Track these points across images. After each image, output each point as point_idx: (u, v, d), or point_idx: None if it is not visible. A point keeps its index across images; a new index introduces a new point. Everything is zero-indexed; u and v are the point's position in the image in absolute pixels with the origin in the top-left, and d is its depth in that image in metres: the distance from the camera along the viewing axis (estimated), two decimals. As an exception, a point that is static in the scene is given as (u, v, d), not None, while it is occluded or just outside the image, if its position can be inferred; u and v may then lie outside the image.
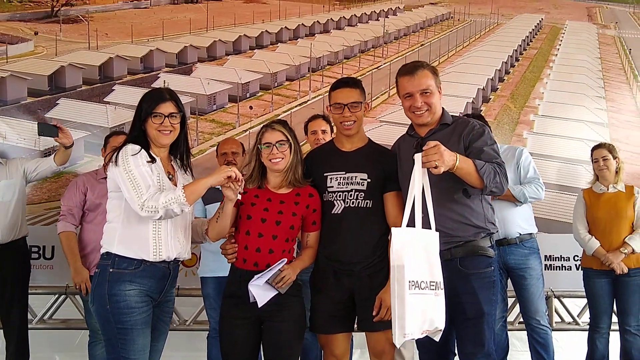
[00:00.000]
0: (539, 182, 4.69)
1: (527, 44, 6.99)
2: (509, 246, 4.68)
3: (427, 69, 3.20)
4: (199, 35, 6.57)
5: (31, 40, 6.41)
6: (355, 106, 3.27)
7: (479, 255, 3.12)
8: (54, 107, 6.22)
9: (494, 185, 2.97)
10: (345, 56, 6.77)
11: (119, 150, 3.02)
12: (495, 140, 3.17)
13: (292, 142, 3.20)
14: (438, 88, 3.19)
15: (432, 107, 3.16)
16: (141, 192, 2.88)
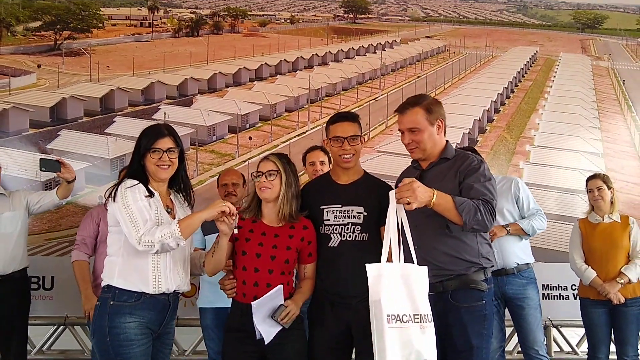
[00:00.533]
0: (541, 214, 4.75)
1: (522, 75, 7.08)
2: (506, 276, 4.69)
3: (420, 106, 3.19)
4: (200, 67, 6.66)
5: (34, 73, 6.48)
6: (354, 139, 3.31)
7: (470, 288, 3.10)
8: (55, 138, 6.27)
9: (475, 222, 2.95)
10: (343, 88, 6.85)
11: (118, 185, 3.07)
12: (492, 176, 3.13)
13: (284, 174, 3.22)
14: (433, 123, 3.17)
15: (420, 144, 3.17)
16: (138, 227, 2.92)
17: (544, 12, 7.11)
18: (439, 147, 3.21)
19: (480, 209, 2.94)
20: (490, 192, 3.04)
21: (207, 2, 6.79)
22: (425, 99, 3.26)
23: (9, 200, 4.61)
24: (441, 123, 3.21)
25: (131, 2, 6.77)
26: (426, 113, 3.18)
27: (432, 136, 3.18)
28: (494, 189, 3.07)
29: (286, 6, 6.84)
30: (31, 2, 6.67)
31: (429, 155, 3.23)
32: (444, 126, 3.22)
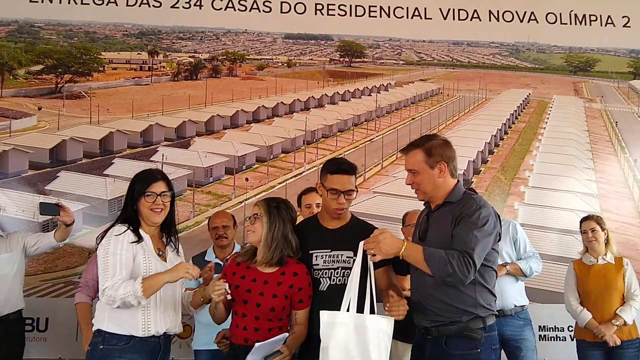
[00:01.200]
0: (537, 257, 4.85)
1: (515, 117, 7.14)
2: (504, 318, 4.71)
3: (420, 148, 3.23)
4: (198, 110, 6.73)
5: (34, 115, 6.55)
6: (351, 193, 3.39)
7: (464, 336, 3.08)
8: (54, 179, 6.30)
9: (445, 275, 2.93)
10: (339, 129, 6.92)
11: (107, 231, 3.11)
12: (486, 223, 3.05)
13: (267, 217, 3.26)
14: (433, 166, 3.17)
15: (420, 186, 3.21)
16: (106, 278, 2.96)
17: (536, 56, 7.21)
18: (443, 190, 3.21)
19: (452, 262, 2.91)
20: (472, 242, 2.98)
21: (205, 47, 6.89)
22: (429, 141, 3.27)
23: (6, 242, 4.64)
24: (444, 166, 3.20)
25: (131, 46, 6.87)
26: (426, 155, 3.20)
27: (431, 179, 3.20)
28: (480, 238, 3.00)
29: (283, 50, 6.94)
30: (34, 46, 6.78)
31: (431, 197, 3.25)
32: (449, 169, 3.21)
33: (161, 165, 6.35)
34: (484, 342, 3.10)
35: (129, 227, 3.09)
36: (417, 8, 6.96)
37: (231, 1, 6.83)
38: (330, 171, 3.43)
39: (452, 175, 3.22)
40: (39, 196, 6.13)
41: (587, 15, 7.12)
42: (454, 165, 3.25)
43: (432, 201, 3.26)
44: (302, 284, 3.25)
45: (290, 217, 3.33)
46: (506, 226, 4.90)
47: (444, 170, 3.19)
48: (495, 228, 3.12)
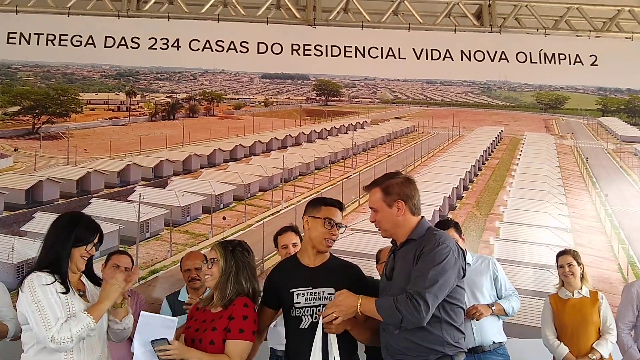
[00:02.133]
0: (516, 294, 4.90)
1: (488, 154, 7.22)
2: (483, 354, 4.70)
3: (379, 186, 3.25)
4: (175, 149, 6.71)
5: (11, 157, 6.47)
6: (340, 227, 3.43)
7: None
8: (30, 220, 6.21)
9: (396, 321, 2.93)
10: (317, 167, 6.92)
11: (24, 278, 3.08)
12: (445, 260, 3.00)
13: (223, 261, 3.29)
14: (390, 205, 3.18)
15: (380, 224, 3.23)
16: (49, 326, 2.92)
17: (508, 94, 7.33)
18: (404, 228, 3.20)
19: (399, 308, 2.91)
20: (426, 281, 2.95)
21: (183, 87, 6.91)
22: (387, 180, 3.28)
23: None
24: (401, 204, 3.19)
25: (109, 87, 6.86)
26: (383, 194, 3.22)
27: (390, 217, 3.20)
28: (436, 276, 2.97)
29: (260, 90, 6.98)
30: (11, 88, 6.73)
31: (392, 235, 3.25)
32: (408, 207, 3.19)
33: (138, 204, 6.30)
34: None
35: (56, 279, 3.06)
36: (392, 48, 7.06)
37: (208, 42, 6.88)
38: (325, 203, 3.49)
39: (412, 213, 3.20)
40: (14, 237, 6.03)
41: (557, 54, 7.26)
42: (414, 202, 3.23)
43: (396, 238, 3.26)
44: (236, 314, 3.21)
45: (246, 261, 3.32)
46: (486, 263, 4.94)
47: (402, 209, 3.18)
48: (457, 264, 3.07)
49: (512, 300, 4.85)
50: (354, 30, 7.10)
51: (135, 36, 6.80)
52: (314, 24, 7.03)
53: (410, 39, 7.11)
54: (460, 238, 4.89)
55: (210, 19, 6.94)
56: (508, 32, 7.28)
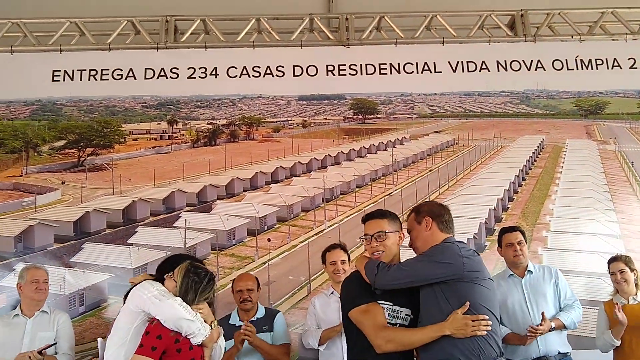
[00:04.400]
0: (578, 304, 4.79)
1: (531, 163, 6.98)
2: (548, 364, 4.60)
3: (413, 211, 3.52)
4: (218, 174, 6.65)
5: (58, 190, 6.50)
6: (380, 236, 3.27)
7: None
8: (79, 251, 6.19)
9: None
10: (357, 185, 6.78)
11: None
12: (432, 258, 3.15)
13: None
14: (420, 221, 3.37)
15: (413, 243, 3.41)
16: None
17: (547, 102, 7.11)
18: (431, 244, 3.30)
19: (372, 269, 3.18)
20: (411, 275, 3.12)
21: (223, 113, 6.87)
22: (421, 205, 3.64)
23: (50, 319, 4.52)
24: (429, 220, 3.38)
25: (151, 117, 6.87)
26: (415, 214, 3.47)
27: (419, 234, 3.37)
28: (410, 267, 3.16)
29: (298, 112, 6.91)
30: (56, 123, 6.79)
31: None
32: (435, 223, 3.36)
33: (184, 230, 6.25)
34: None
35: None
36: (427, 63, 6.93)
37: (245, 68, 6.86)
38: (362, 220, 3.50)
39: (440, 229, 3.32)
40: (65, 269, 6.02)
41: (594, 59, 7.05)
42: (442, 220, 3.35)
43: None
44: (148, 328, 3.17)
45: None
46: (549, 271, 4.88)
47: (429, 224, 3.32)
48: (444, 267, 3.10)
49: (572, 312, 4.75)
50: (387, 48, 7.00)
51: (174, 67, 6.83)
52: (348, 44, 6.98)
53: (445, 52, 6.98)
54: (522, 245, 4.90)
55: (246, 46, 6.95)
56: (542, 40, 7.11)
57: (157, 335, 3.08)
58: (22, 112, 6.81)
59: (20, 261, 6.00)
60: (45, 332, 4.52)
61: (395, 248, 3.36)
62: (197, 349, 3.16)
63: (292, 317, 4.06)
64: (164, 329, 3.08)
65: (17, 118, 6.79)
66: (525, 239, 4.97)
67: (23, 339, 4.45)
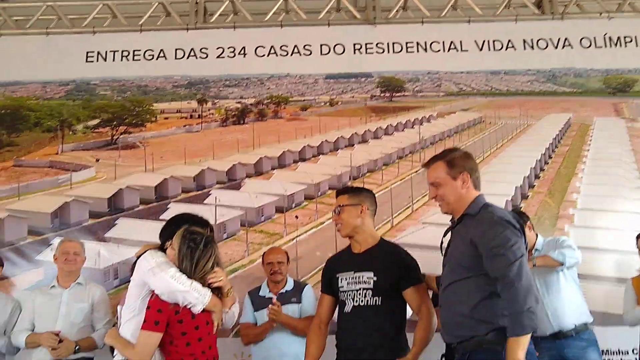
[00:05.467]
0: (571, 246, 4.48)
1: (558, 141, 6.86)
2: (565, 339, 4.38)
3: (442, 159, 3.11)
4: (247, 153, 6.66)
5: (93, 167, 6.59)
6: (336, 210, 3.48)
7: (483, 349, 2.81)
8: (113, 227, 6.28)
9: (531, 321, 2.66)
10: (384, 163, 6.74)
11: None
12: (507, 240, 2.79)
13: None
14: (455, 177, 3.04)
15: (443, 198, 3.08)
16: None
17: (574, 80, 6.96)
18: (464, 202, 3.06)
19: (517, 313, 2.70)
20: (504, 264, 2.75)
21: (251, 92, 6.88)
22: (450, 153, 3.16)
23: (85, 291, 4.59)
24: (467, 177, 3.06)
25: (181, 96, 6.90)
26: (447, 167, 3.07)
27: (454, 190, 3.06)
28: (508, 251, 2.77)
29: (325, 90, 6.87)
30: (90, 103, 6.87)
31: (453, 209, 3.10)
32: (471, 180, 3.07)
33: (215, 207, 6.30)
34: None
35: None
36: (453, 42, 6.83)
37: (273, 48, 6.83)
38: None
39: (475, 187, 3.08)
40: (99, 244, 6.11)
41: (622, 37, 6.88)
42: (477, 176, 3.12)
43: (455, 214, 3.12)
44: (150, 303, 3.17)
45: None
46: (553, 243, 4.67)
47: (467, 181, 3.05)
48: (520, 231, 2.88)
49: (563, 249, 4.40)
50: (414, 27, 6.90)
51: (203, 47, 6.84)
52: (375, 23, 6.90)
53: (472, 31, 6.86)
54: (527, 226, 4.60)
55: (273, 25, 6.92)
56: (570, 18, 6.95)
57: (157, 309, 3.05)
58: (57, 93, 6.89)
59: (57, 236, 6.09)
60: (81, 303, 4.60)
61: (353, 220, 3.46)
62: (200, 315, 3.12)
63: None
64: (163, 302, 3.05)
65: (52, 98, 6.87)
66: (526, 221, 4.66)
67: (60, 308, 4.54)
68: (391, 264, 3.35)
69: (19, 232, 6.19)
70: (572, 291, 4.50)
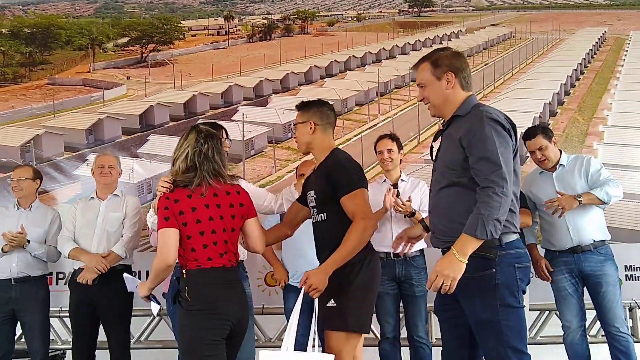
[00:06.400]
0: (614, 182, 4.43)
1: (591, 57, 6.65)
2: (583, 253, 4.43)
3: (428, 60, 2.91)
4: (273, 69, 6.65)
5: (124, 85, 6.68)
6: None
7: (476, 257, 2.67)
8: (144, 143, 6.41)
9: (494, 228, 2.58)
10: (412, 79, 6.67)
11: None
12: (494, 132, 2.66)
13: None
14: (440, 77, 2.85)
15: (429, 99, 2.90)
16: None
17: (611, -8, 6.68)
18: (453, 103, 2.88)
19: (485, 214, 2.59)
20: (488, 169, 2.64)
21: (277, 8, 6.78)
22: (436, 53, 2.95)
23: (121, 202, 4.78)
24: (451, 76, 2.86)
25: (208, 13, 6.86)
26: (432, 67, 2.88)
27: (439, 91, 2.88)
28: (494, 155, 2.64)
29: (352, 5, 6.74)
30: (119, 21, 6.89)
31: (441, 112, 2.93)
32: (457, 79, 2.86)
33: (242, 123, 6.37)
34: (500, 261, 2.73)
35: None
36: (485, -47, 6.60)
37: (300, -39, 6.71)
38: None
39: (462, 87, 2.87)
40: (133, 159, 6.29)
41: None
42: (464, 76, 2.88)
43: (443, 116, 2.92)
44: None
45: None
46: (580, 160, 4.61)
47: (452, 81, 2.85)
48: (508, 135, 2.71)
49: (607, 187, 4.30)
50: (445, -63, 6.68)
51: (229, -38, 6.74)
52: None
53: (505, -59, 6.61)
54: (552, 143, 4.58)
55: (300, -62, 6.76)
56: None
57: (164, 207, 2.94)
58: (87, 10, 6.91)
59: (92, 152, 6.28)
60: (116, 212, 4.78)
61: (306, 137, 3.29)
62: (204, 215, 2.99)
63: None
64: (167, 200, 2.93)
65: (81, 16, 6.90)
66: (550, 136, 4.63)
67: (97, 218, 4.76)
68: (326, 176, 3.17)
69: (56, 148, 6.37)
70: (593, 210, 4.51)
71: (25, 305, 4.61)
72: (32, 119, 6.45)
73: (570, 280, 4.51)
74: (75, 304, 4.68)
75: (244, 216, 3.03)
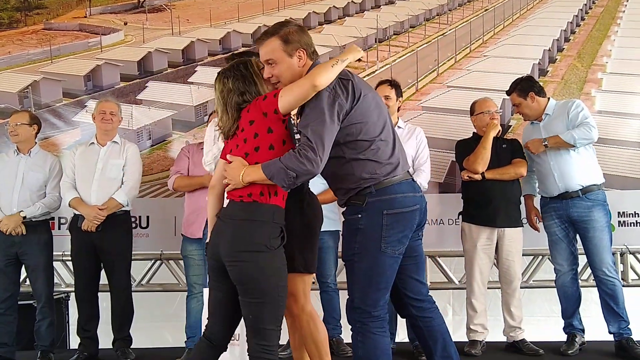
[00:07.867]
0: (588, 125, 4.46)
1: (592, 2, 6.54)
2: (571, 199, 4.52)
3: (277, 35, 2.91)
4: (271, 15, 6.55)
5: (121, 30, 6.58)
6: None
7: (349, 205, 2.93)
8: (143, 89, 6.38)
9: (289, 181, 2.69)
10: (411, 25, 6.58)
11: None
12: (318, 99, 2.73)
13: None
14: (291, 54, 2.88)
15: (280, 77, 2.91)
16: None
17: None
18: (300, 77, 2.89)
19: (289, 167, 2.67)
20: (307, 127, 2.73)
21: (276, -49, 6.64)
22: (284, 27, 2.93)
23: (120, 149, 4.85)
24: (302, 53, 2.90)
25: (206, -44, 6.72)
26: (283, 43, 2.88)
27: (291, 68, 2.90)
28: (315, 119, 2.72)
29: (352, -51, 6.59)
30: (116, -37, 6.77)
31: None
32: (306, 55, 2.91)
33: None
34: (367, 207, 2.84)
35: None
36: None
37: None
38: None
39: (311, 59, 2.94)
40: (132, 105, 6.30)
41: None
42: (312, 50, 2.97)
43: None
44: None
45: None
46: (564, 105, 4.66)
47: (303, 58, 2.91)
48: (336, 101, 2.76)
49: (577, 129, 4.42)
50: None
51: None
52: None
53: None
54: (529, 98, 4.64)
55: None
56: None
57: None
58: (82, -48, 6.79)
59: (91, 98, 6.28)
60: (116, 159, 4.86)
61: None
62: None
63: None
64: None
65: (77, -42, 6.78)
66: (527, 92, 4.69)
67: (97, 164, 4.83)
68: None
69: (54, 94, 6.34)
70: (581, 155, 4.56)
71: (29, 249, 4.74)
72: (29, 64, 6.41)
73: (560, 225, 4.63)
74: (77, 249, 4.81)
75: None
